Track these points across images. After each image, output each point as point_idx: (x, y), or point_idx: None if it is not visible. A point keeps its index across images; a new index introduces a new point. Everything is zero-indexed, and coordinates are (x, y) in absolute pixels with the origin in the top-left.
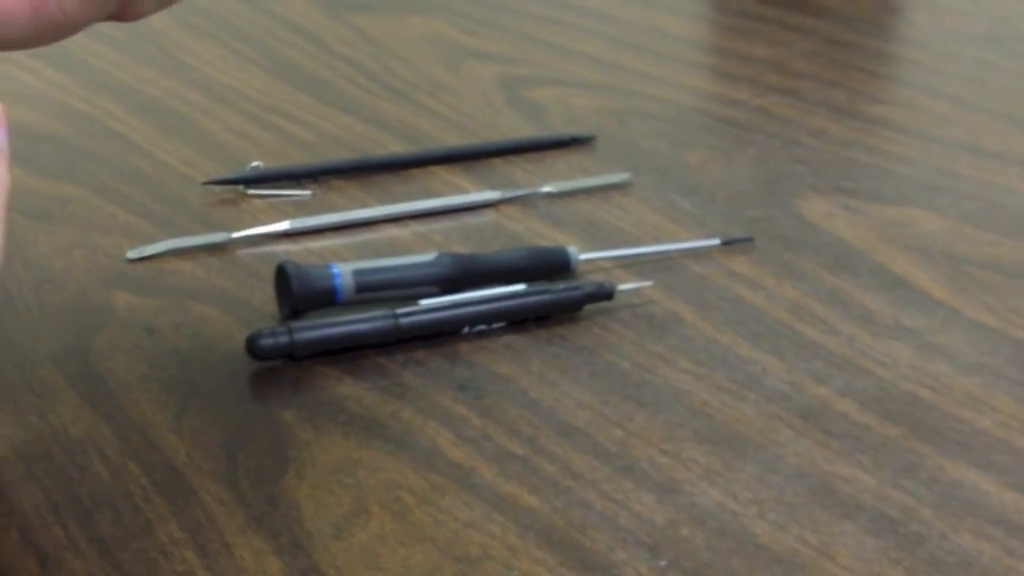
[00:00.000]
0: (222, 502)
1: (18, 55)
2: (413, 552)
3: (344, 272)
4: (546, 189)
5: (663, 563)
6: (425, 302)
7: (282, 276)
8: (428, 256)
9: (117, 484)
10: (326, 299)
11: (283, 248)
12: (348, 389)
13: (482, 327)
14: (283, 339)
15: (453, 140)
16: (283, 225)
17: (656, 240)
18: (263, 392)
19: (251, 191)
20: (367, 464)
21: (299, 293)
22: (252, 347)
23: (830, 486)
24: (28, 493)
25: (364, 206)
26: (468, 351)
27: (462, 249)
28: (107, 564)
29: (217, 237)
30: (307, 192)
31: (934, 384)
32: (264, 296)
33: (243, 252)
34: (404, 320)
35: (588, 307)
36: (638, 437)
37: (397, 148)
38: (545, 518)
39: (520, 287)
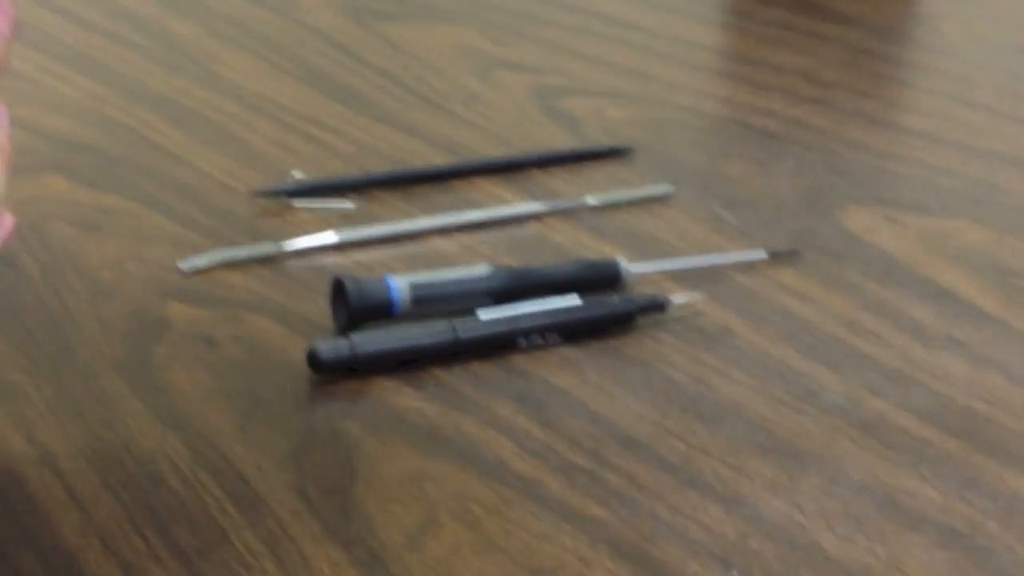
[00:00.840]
0: (294, 512)
1: (52, 64)
2: (488, 564)
3: (401, 285)
4: (589, 201)
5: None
6: (483, 315)
7: (339, 289)
8: (483, 269)
9: (190, 494)
10: (382, 312)
11: (332, 259)
12: (409, 401)
13: (538, 339)
14: (344, 352)
15: (489, 151)
16: (332, 237)
17: (700, 252)
18: (325, 404)
19: (296, 202)
20: (434, 475)
21: (356, 306)
22: (313, 359)
23: (895, 499)
24: (105, 503)
25: (408, 217)
26: (524, 363)
27: (509, 261)
28: (190, 574)
29: (267, 249)
30: (351, 204)
31: (990, 397)
32: (318, 308)
33: (293, 263)
34: (463, 333)
35: (640, 320)
36: (700, 450)
37: (434, 159)
38: (615, 530)
39: (575, 299)
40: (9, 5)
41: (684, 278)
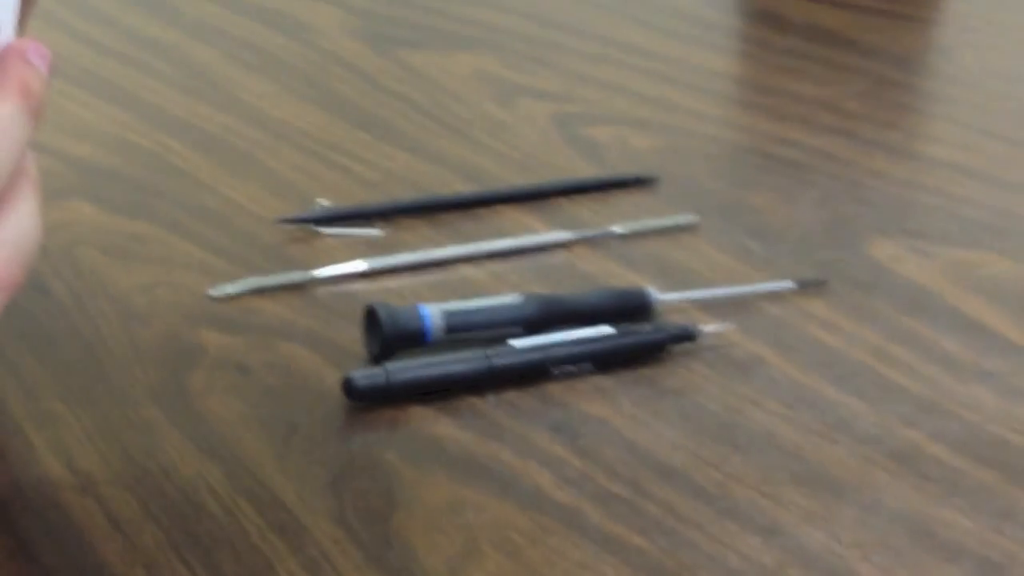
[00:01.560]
0: (336, 541)
1: (74, 90)
2: None
3: (433, 313)
4: (616, 230)
5: None
6: (516, 344)
7: (372, 317)
8: (514, 297)
9: (232, 522)
10: (415, 340)
11: (361, 287)
12: (445, 429)
13: (570, 368)
14: (379, 380)
15: (514, 178)
16: (361, 265)
17: (728, 281)
18: (362, 432)
19: (323, 229)
20: (473, 504)
21: (390, 334)
22: (349, 387)
23: (930, 530)
24: (148, 531)
25: (435, 245)
26: (558, 392)
27: (538, 289)
28: None
29: (297, 276)
30: (377, 231)
31: (1022, 428)
32: (349, 335)
33: (323, 291)
34: (496, 361)
35: (671, 349)
36: (736, 479)
37: (459, 186)
38: (655, 559)
39: (607, 328)
40: (44, 47)
41: (712, 307)
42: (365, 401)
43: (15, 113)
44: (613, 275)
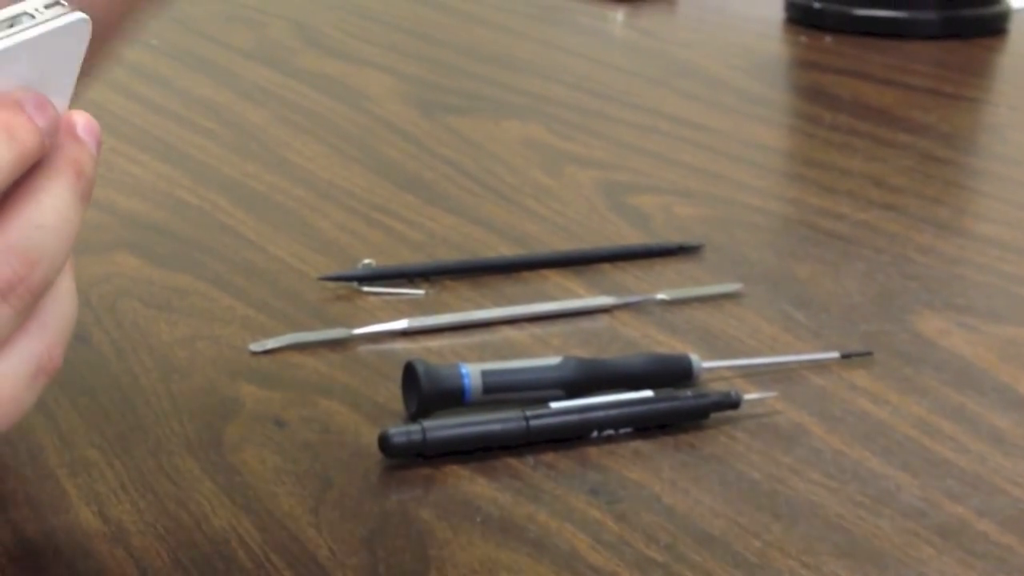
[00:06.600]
0: None
1: (126, 147)
2: None
3: (472, 372)
4: (660, 296)
5: None
6: (555, 405)
7: (411, 374)
8: (553, 359)
9: (262, 575)
10: (454, 399)
11: (402, 346)
12: (482, 489)
13: (610, 432)
14: (416, 437)
15: (559, 244)
16: (402, 323)
17: (772, 351)
18: (397, 489)
19: (365, 288)
20: (508, 566)
21: (428, 392)
22: (385, 444)
23: None
24: None
25: (478, 307)
26: (597, 455)
27: (580, 353)
28: None
29: (338, 333)
30: (420, 291)
31: None
32: (388, 393)
33: (363, 348)
34: (534, 422)
35: (713, 416)
36: (777, 548)
37: (504, 250)
38: None
39: (647, 393)
40: (93, 121)
41: (755, 376)
42: (401, 458)
43: (71, 201)
44: (656, 341)
